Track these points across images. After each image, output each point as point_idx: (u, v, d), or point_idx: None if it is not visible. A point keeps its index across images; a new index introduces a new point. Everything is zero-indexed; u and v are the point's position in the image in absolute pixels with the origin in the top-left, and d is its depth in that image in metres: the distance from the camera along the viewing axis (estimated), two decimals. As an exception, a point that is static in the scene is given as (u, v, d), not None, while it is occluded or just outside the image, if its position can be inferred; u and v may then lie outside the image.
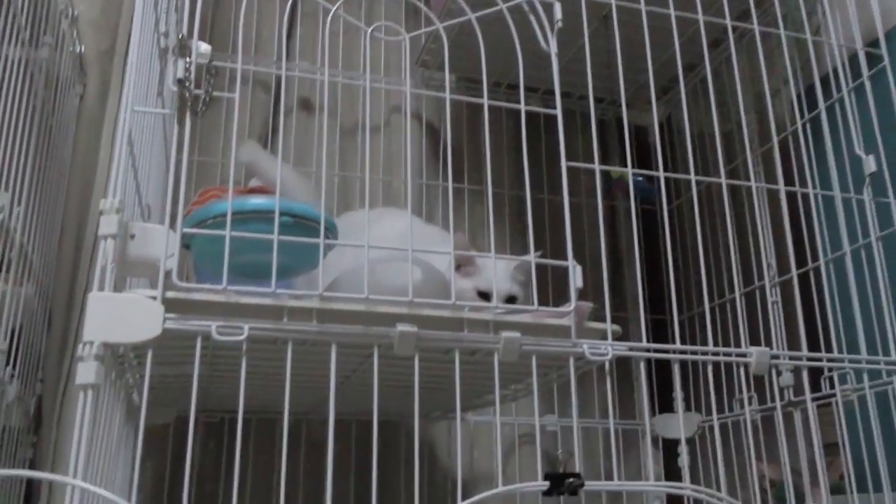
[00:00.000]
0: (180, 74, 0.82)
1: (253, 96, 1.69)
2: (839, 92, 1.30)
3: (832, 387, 1.25)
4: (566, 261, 0.95)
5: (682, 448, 1.28)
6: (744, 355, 1.05)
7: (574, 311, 0.94)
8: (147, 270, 0.84)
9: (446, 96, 0.96)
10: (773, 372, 1.29)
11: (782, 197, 1.17)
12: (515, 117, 1.84)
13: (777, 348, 1.28)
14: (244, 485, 1.42)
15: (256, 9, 1.74)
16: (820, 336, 1.26)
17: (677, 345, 1.02)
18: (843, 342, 1.22)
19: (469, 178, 1.79)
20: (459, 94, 1.07)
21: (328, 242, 0.91)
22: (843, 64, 1.31)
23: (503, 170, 1.83)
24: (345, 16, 0.96)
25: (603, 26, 1.42)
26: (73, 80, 1.52)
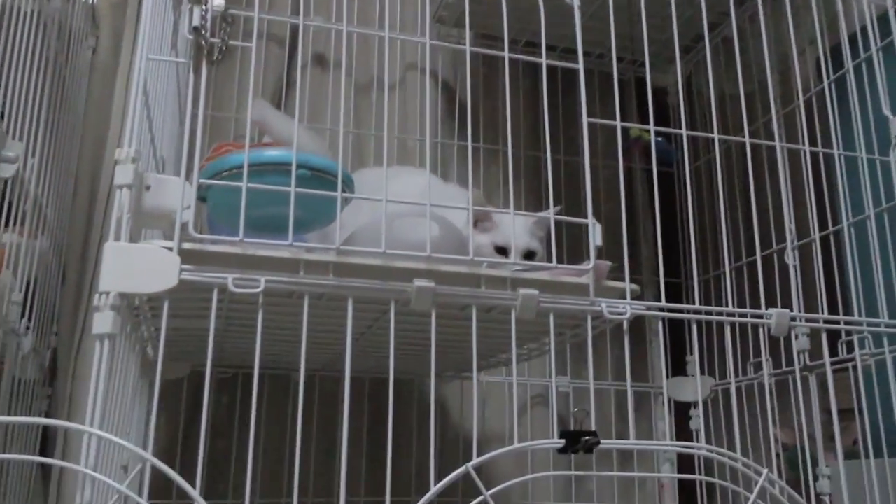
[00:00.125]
0: (196, 22, 0.80)
1: (267, 51, 1.66)
2: (867, 51, 1.27)
3: (849, 351, 1.24)
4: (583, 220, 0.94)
5: (697, 410, 1.28)
6: (761, 317, 1.04)
7: (593, 270, 0.93)
8: (162, 222, 0.84)
9: (466, 48, 0.94)
10: (790, 335, 1.29)
11: (806, 157, 1.15)
12: (533, 76, 1.82)
13: (796, 312, 1.27)
14: (256, 440, 1.42)
15: (271, -39, 1.71)
16: (839, 300, 1.25)
17: (695, 305, 1.01)
18: (863, 306, 1.20)
19: (484, 138, 1.77)
20: (483, 52, 1.05)
21: (346, 196, 0.90)
22: (872, 22, 1.27)
23: (519, 129, 1.80)
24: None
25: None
26: (86, 32, 1.50)
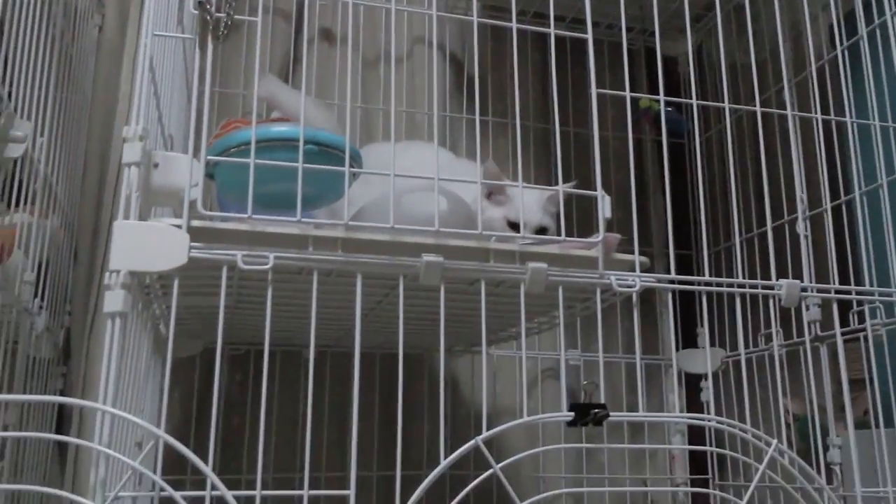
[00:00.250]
0: (201, -3, 0.80)
1: (274, 26, 1.65)
2: (881, 17, 1.25)
3: (860, 322, 1.23)
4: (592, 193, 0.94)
5: (708, 382, 1.28)
6: (772, 287, 1.04)
7: (602, 242, 0.92)
8: (171, 200, 0.84)
9: (474, 19, 0.93)
10: (801, 306, 1.28)
11: (818, 126, 1.13)
12: (541, 49, 1.80)
13: (807, 282, 1.27)
14: (269, 417, 1.44)
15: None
16: (850, 270, 1.24)
17: (705, 276, 1.00)
18: (875, 276, 1.20)
19: (493, 111, 1.75)
20: (490, 23, 1.04)
21: (354, 171, 0.90)
22: (885, -12, 1.25)
23: (528, 102, 1.79)
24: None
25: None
26: (92, 10, 1.49)
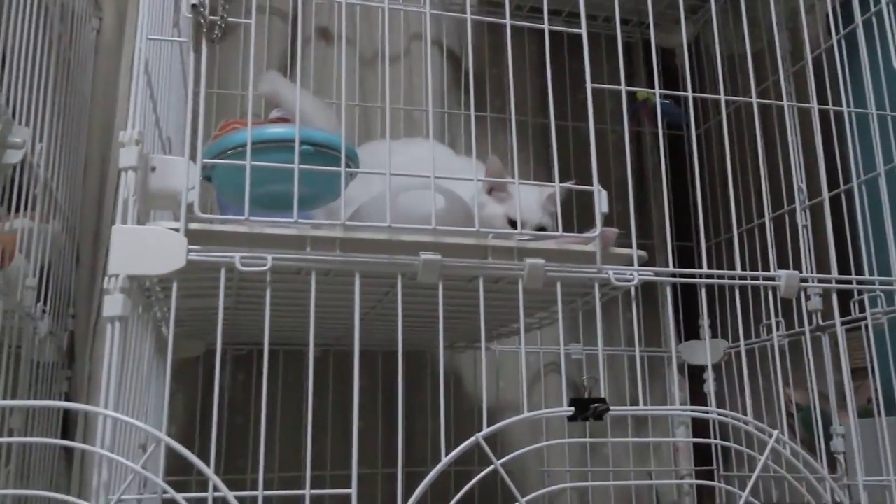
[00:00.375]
0: (195, 0, 0.80)
1: (270, 26, 1.66)
2: (878, 4, 1.25)
3: (861, 311, 1.23)
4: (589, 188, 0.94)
5: (709, 374, 1.28)
6: (772, 279, 1.04)
7: (599, 237, 0.92)
8: (169, 203, 0.84)
9: (467, 17, 0.94)
10: (801, 296, 1.28)
11: (815, 116, 1.13)
12: (539, 42, 1.80)
13: (807, 272, 1.27)
14: (274, 416, 1.45)
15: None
16: (850, 260, 1.24)
17: (704, 269, 1.00)
18: (875, 265, 1.20)
19: (492, 107, 1.75)
20: (484, 20, 1.04)
21: (349, 171, 0.90)
22: (881, -25, 1.25)
23: (526, 97, 1.79)
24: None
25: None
26: (89, 13, 1.50)
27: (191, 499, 0.72)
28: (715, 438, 1.52)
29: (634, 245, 0.95)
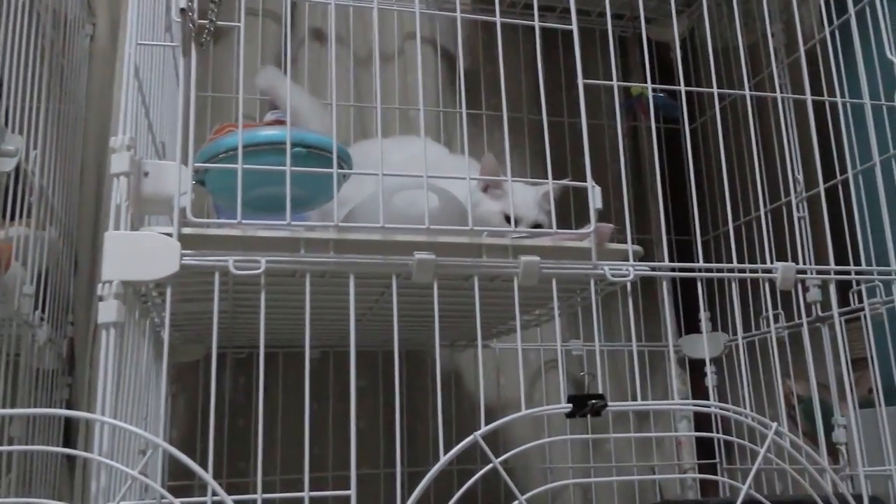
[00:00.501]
0: (183, 4, 0.80)
1: (264, 28, 1.66)
2: (870, -6, 1.24)
3: (860, 301, 1.23)
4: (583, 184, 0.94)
5: (708, 367, 1.28)
6: (769, 271, 1.03)
7: (594, 233, 0.92)
8: (163, 208, 0.84)
9: (457, 15, 0.93)
10: (799, 288, 1.28)
11: (809, 107, 1.13)
12: (532, 39, 1.79)
13: (804, 264, 1.26)
14: (274, 418, 1.44)
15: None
16: (848, 250, 1.24)
17: (701, 263, 1.00)
18: (872, 255, 1.20)
19: (487, 104, 1.75)
20: (474, 18, 1.04)
21: (341, 172, 0.90)
22: (874, -36, 1.25)
23: (521, 94, 1.79)
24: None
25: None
26: (82, 20, 1.50)
27: (189, 503, 0.72)
28: (717, 432, 1.52)
29: (629, 240, 0.95)
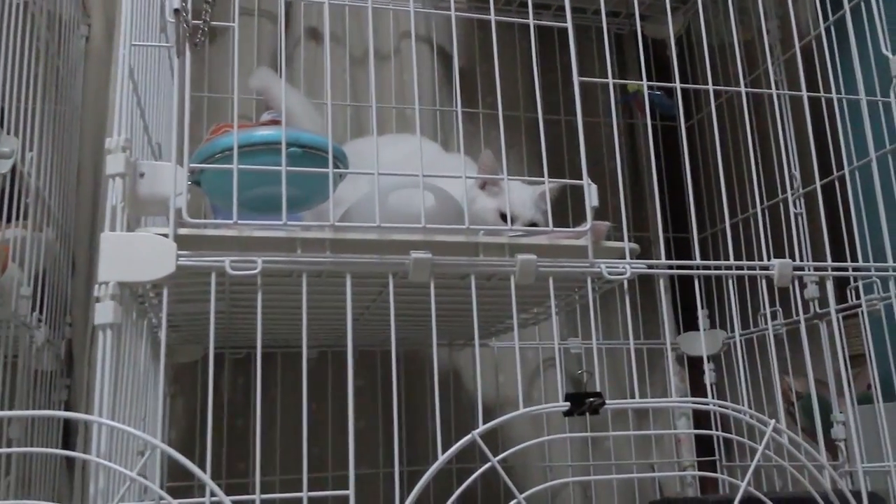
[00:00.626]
0: (176, 4, 0.80)
1: (259, 27, 1.65)
2: (866, -10, 1.24)
3: (858, 297, 1.23)
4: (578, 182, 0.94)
5: (705, 364, 1.28)
6: (766, 268, 1.03)
7: (591, 231, 0.92)
8: (159, 209, 0.84)
9: (451, 14, 0.93)
10: (796, 285, 1.28)
11: (805, 104, 1.13)
12: (528, 37, 1.79)
13: (801, 260, 1.27)
14: (273, 418, 1.44)
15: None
16: (845, 246, 1.24)
17: (698, 260, 1.00)
18: (870, 251, 1.20)
19: (483, 103, 1.75)
20: (468, 16, 1.04)
21: (337, 171, 0.90)
22: (869, -40, 1.25)
23: (517, 92, 1.79)
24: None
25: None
26: (77, 21, 1.49)
27: (188, 504, 0.72)
28: (716, 429, 1.52)
29: (626, 238, 0.95)
